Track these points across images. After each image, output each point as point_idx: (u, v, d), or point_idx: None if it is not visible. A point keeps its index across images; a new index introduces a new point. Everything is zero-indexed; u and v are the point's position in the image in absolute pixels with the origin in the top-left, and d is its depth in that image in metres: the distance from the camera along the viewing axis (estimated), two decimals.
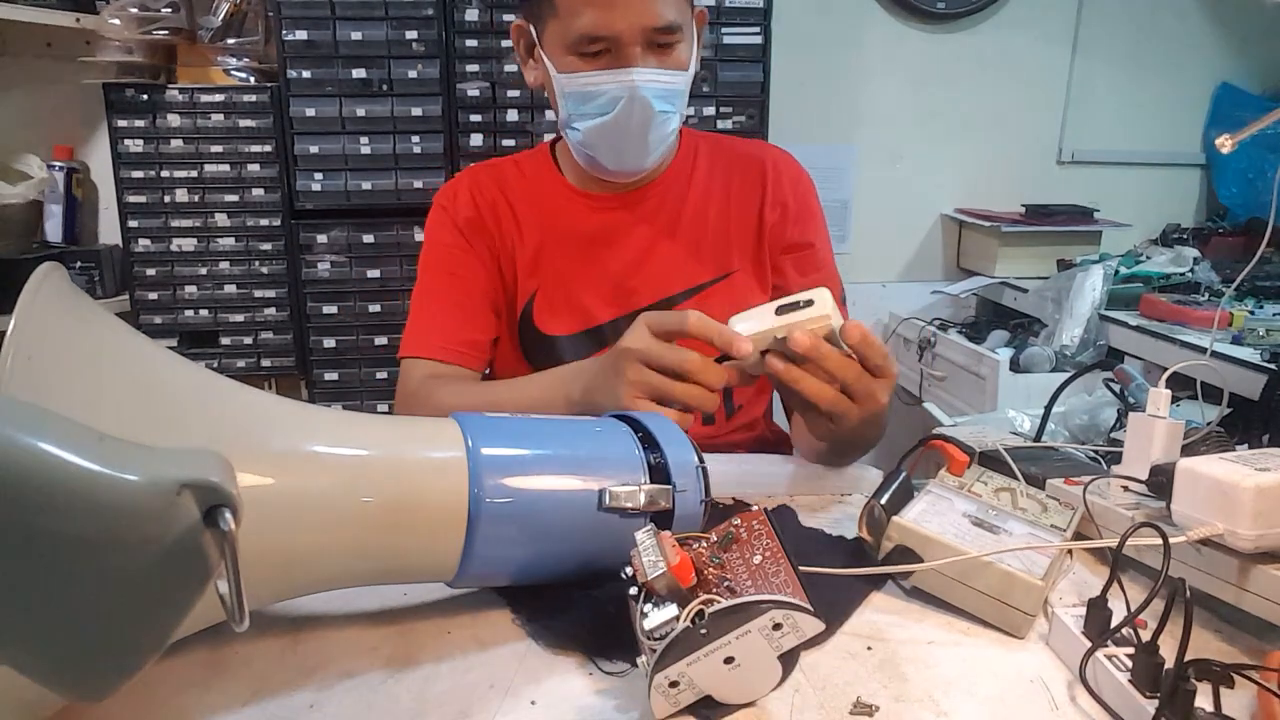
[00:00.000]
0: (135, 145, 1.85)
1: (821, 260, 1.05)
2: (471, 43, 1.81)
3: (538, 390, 0.86)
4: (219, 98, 1.85)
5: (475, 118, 1.85)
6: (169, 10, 1.84)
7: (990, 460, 0.77)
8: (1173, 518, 0.60)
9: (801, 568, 0.53)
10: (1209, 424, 0.78)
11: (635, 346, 0.73)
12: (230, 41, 1.90)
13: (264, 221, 1.90)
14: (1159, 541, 0.54)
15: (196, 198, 1.88)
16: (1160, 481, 0.63)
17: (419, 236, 1.88)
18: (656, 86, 0.87)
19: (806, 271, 1.03)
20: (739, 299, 0.99)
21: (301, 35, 1.78)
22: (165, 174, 1.86)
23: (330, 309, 1.92)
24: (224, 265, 1.92)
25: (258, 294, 1.94)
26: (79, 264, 1.95)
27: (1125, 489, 0.70)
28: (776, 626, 0.49)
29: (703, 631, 0.48)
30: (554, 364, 0.93)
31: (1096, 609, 0.55)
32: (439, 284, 1.03)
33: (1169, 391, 0.73)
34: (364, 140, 1.83)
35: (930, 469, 0.75)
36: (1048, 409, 1.04)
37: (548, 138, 1.86)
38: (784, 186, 1.05)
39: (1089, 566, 0.70)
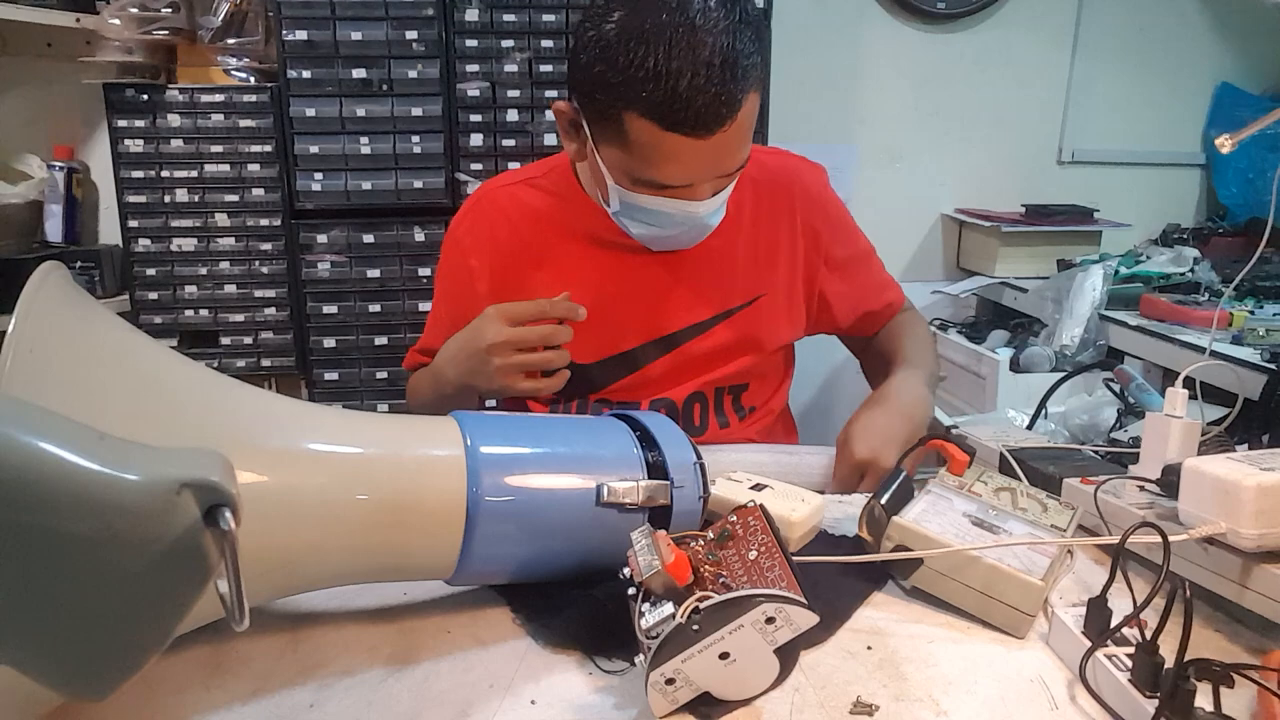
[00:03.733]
0: (135, 145, 1.85)
1: (863, 263, 1.12)
2: (471, 43, 1.81)
3: (431, 378, 0.98)
4: (219, 98, 1.85)
5: (475, 118, 1.85)
6: (169, 10, 1.84)
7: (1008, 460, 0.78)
8: (1179, 516, 0.60)
9: (796, 559, 0.53)
10: (1211, 424, 0.78)
11: (497, 340, 0.85)
12: (230, 41, 1.90)
13: (264, 221, 1.90)
14: (1160, 540, 0.54)
15: (196, 198, 1.88)
16: (1171, 481, 0.64)
17: (419, 236, 1.88)
18: (714, 213, 0.88)
19: (850, 279, 1.09)
20: (766, 321, 1.03)
21: (301, 35, 1.78)
22: (165, 174, 1.86)
23: (330, 309, 1.92)
24: (224, 265, 1.92)
25: (258, 294, 1.94)
26: (79, 264, 1.95)
27: (1141, 489, 0.70)
28: (770, 620, 0.49)
29: (695, 628, 0.48)
30: (583, 390, 1.00)
31: (1096, 608, 0.55)
32: (435, 309, 1.08)
33: (1185, 391, 0.73)
34: (364, 140, 1.83)
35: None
36: (1041, 405, 1.04)
37: (549, 137, 1.87)
38: (814, 211, 1.05)
39: (1101, 565, 0.70)
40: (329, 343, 1.93)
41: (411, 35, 1.79)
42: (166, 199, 1.87)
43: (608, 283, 0.98)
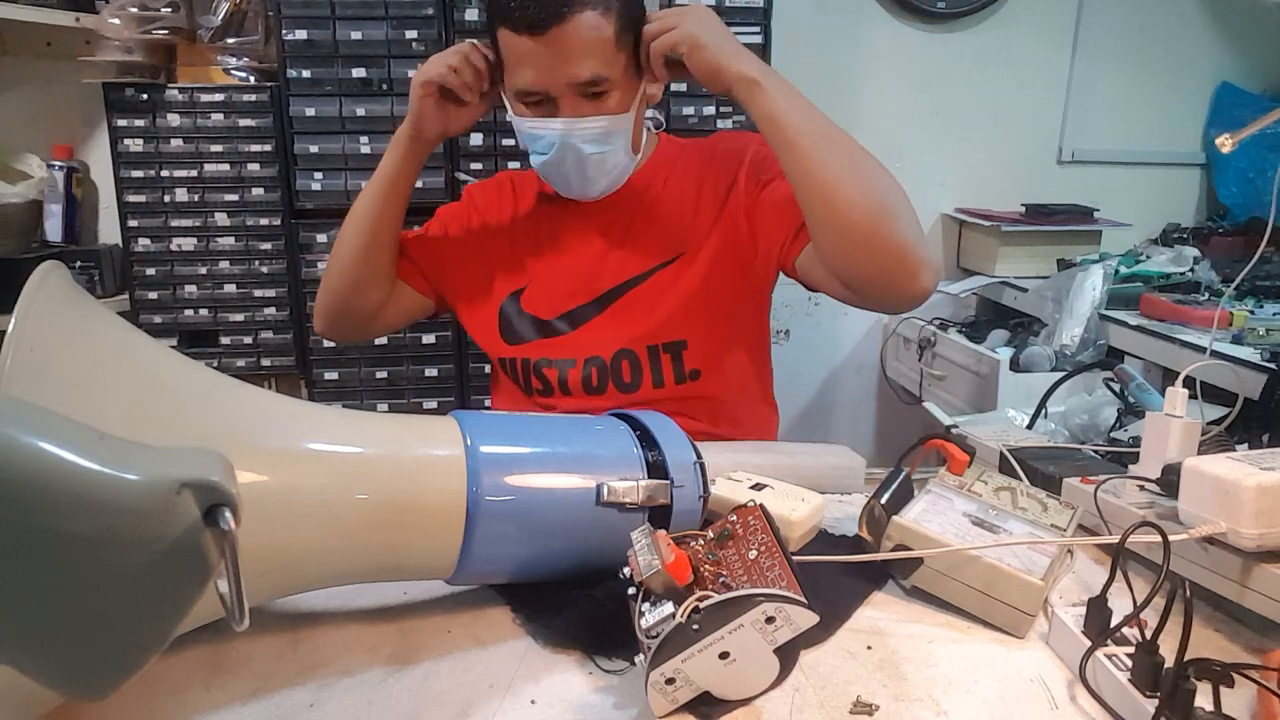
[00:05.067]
0: (135, 145, 1.85)
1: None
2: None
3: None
4: (219, 97, 1.85)
5: None
6: (169, 10, 1.84)
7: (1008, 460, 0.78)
8: (1179, 516, 0.60)
9: (796, 558, 0.53)
10: (1211, 424, 0.78)
11: (425, 72, 0.98)
12: (230, 41, 1.90)
13: (264, 221, 1.90)
14: (1160, 540, 0.54)
15: (196, 197, 1.88)
16: (1171, 480, 0.64)
17: None
18: (585, 133, 0.97)
19: (777, 193, 1.02)
20: (686, 277, 1.06)
21: (301, 35, 1.78)
22: (165, 173, 1.86)
23: None
24: (224, 265, 1.92)
25: (258, 293, 1.94)
26: (79, 263, 1.95)
27: (1141, 488, 0.70)
28: (769, 620, 0.49)
29: (695, 628, 0.48)
30: (538, 338, 1.08)
31: (1096, 608, 0.55)
32: (433, 223, 1.17)
33: (1185, 391, 0.73)
34: (364, 140, 1.83)
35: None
36: (1041, 404, 1.05)
37: None
38: (730, 161, 1.08)
39: (1101, 565, 0.70)
40: (329, 342, 1.93)
41: (411, 35, 1.79)
42: (166, 199, 1.87)
43: (559, 252, 1.09)
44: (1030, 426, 1.04)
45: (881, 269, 0.88)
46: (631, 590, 0.52)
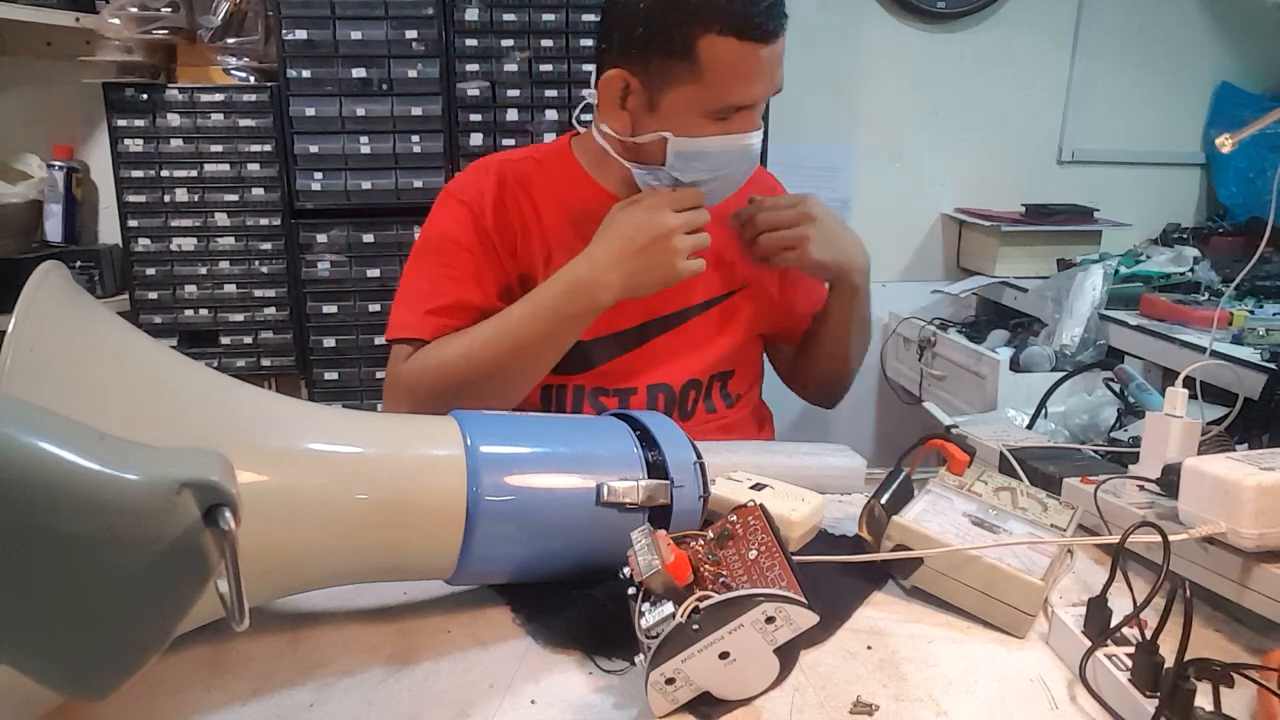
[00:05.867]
0: (135, 145, 1.85)
1: None
2: (471, 42, 1.81)
3: (511, 323, 0.89)
4: (219, 97, 1.85)
5: (475, 117, 1.85)
6: (169, 10, 1.84)
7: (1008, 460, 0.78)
8: (1179, 516, 0.60)
9: (797, 558, 0.53)
10: (1211, 424, 0.78)
11: (673, 223, 0.87)
12: (230, 41, 1.90)
13: (264, 221, 1.90)
14: (1160, 540, 0.54)
15: (196, 197, 1.88)
16: (1171, 480, 0.64)
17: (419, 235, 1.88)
18: (759, 143, 0.93)
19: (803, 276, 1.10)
20: (751, 309, 1.06)
21: (301, 35, 1.78)
22: (165, 173, 1.86)
23: (330, 308, 1.92)
24: (224, 265, 1.92)
25: (258, 293, 1.94)
26: (79, 263, 1.95)
27: (1141, 488, 0.70)
28: (769, 620, 0.49)
29: (695, 628, 0.48)
30: (578, 367, 0.98)
31: (1096, 608, 0.55)
32: (433, 271, 0.97)
33: (1185, 391, 0.73)
34: (364, 140, 1.83)
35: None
36: (1041, 404, 1.05)
37: (549, 137, 1.87)
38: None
39: (1101, 565, 0.70)
40: (329, 342, 1.93)
41: (411, 35, 1.79)
42: (166, 199, 1.87)
43: None
44: (1030, 426, 1.04)
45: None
46: (631, 590, 0.52)
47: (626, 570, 0.52)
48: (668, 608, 0.49)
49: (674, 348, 1.02)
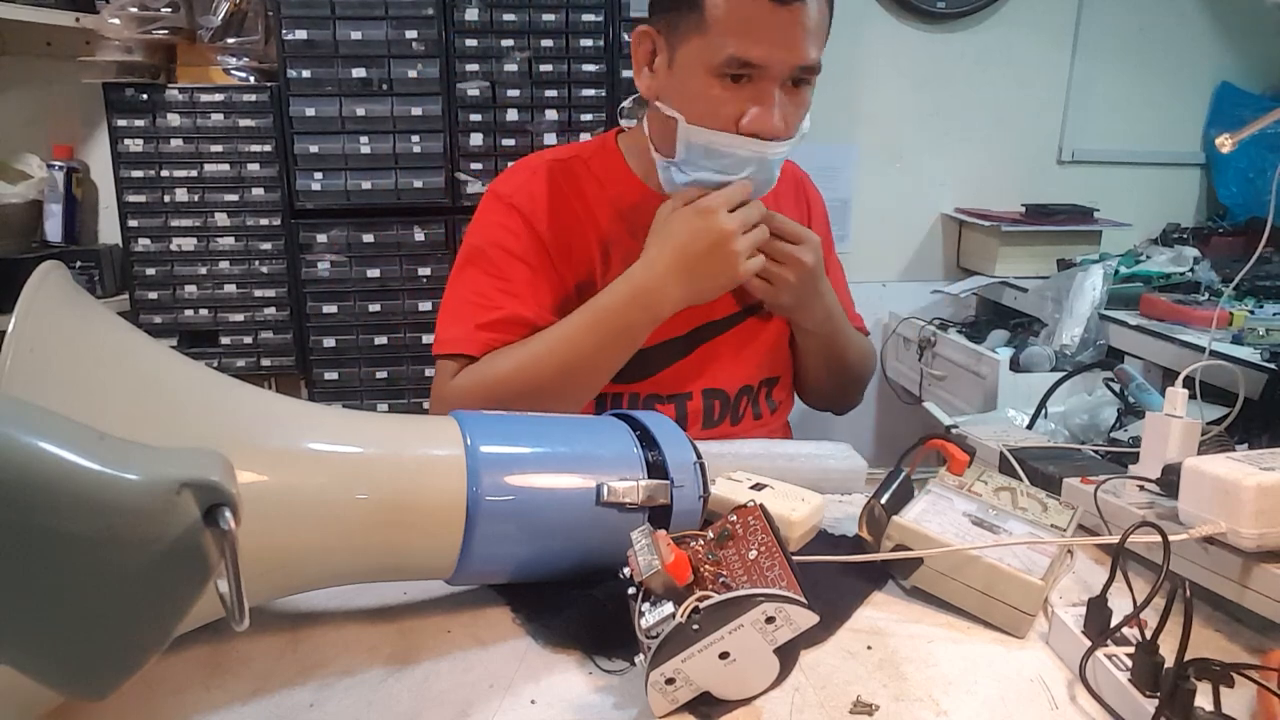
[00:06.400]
0: (135, 145, 1.85)
1: (841, 280, 1.12)
2: (471, 42, 1.81)
3: (588, 321, 0.87)
4: (219, 97, 1.85)
5: (475, 117, 1.85)
6: (169, 10, 1.84)
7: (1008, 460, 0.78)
8: (1179, 516, 0.60)
9: (797, 558, 0.53)
10: (1211, 424, 0.78)
11: (731, 226, 0.83)
12: (230, 41, 1.90)
13: (264, 221, 1.90)
14: (1160, 540, 0.54)
15: (196, 197, 1.88)
16: (1171, 480, 0.64)
17: (419, 236, 1.88)
18: (781, 157, 0.87)
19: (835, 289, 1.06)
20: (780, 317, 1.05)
21: (301, 35, 1.78)
22: (165, 173, 1.86)
23: (330, 308, 1.92)
24: (224, 265, 1.92)
25: (258, 293, 1.94)
26: (79, 263, 1.95)
27: (1141, 488, 0.70)
28: (770, 620, 0.49)
29: (695, 628, 0.48)
30: (635, 375, 0.94)
31: (1096, 608, 0.55)
32: (483, 283, 0.93)
33: (1185, 391, 0.73)
34: (364, 140, 1.83)
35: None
36: (1041, 404, 1.05)
37: (549, 137, 1.87)
38: (817, 211, 1.09)
39: (1101, 565, 0.70)
40: (329, 342, 1.93)
41: (411, 35, 1.79)
42: (166, 199, 1.87)
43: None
44: (1030, 426, 1.04)
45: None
46: (631, 590, 0.52)
47: (626, 570, 0.52)
48: (668, 608, 0.49)
49: (725, 351, 1.00)
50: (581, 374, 0.88)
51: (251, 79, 1.90)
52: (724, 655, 0.49)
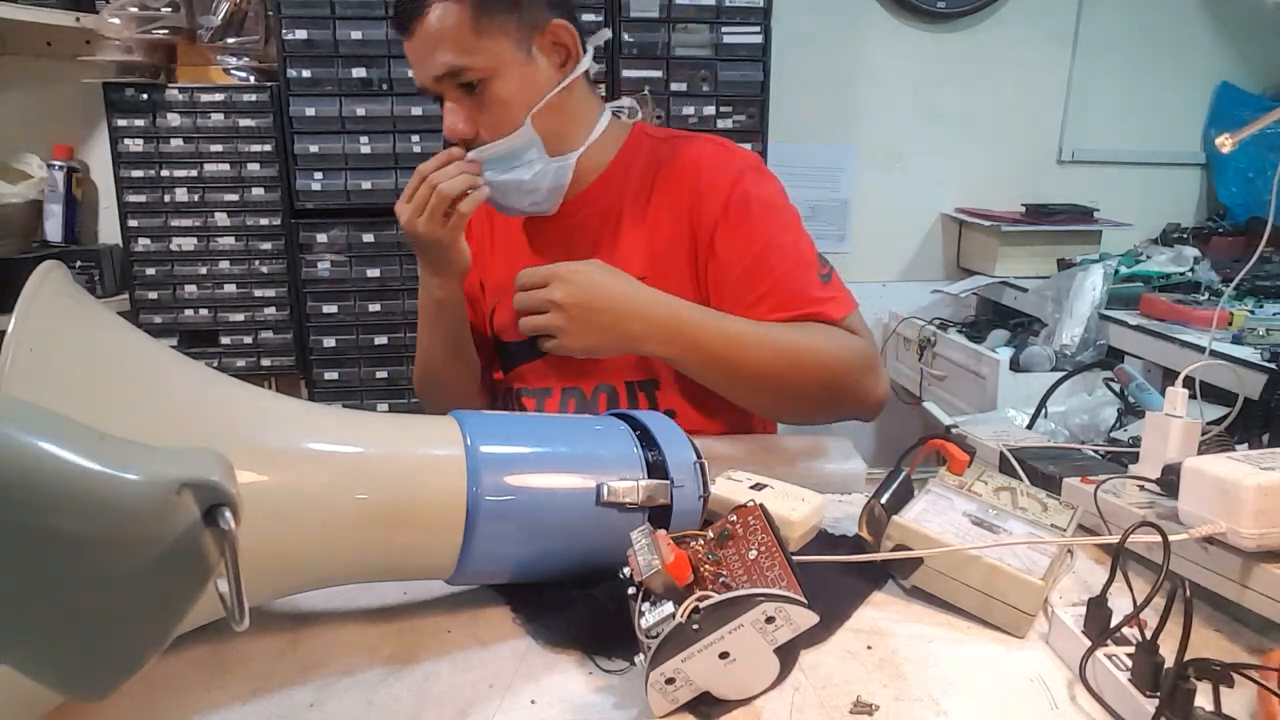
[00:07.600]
0: (135, 145, 1.85)
1: (760, 266, 0.95)
2: None
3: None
4: (219, 97, 1.85)
5: None
6: (169, 9, 1.84)
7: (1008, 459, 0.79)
8: (1179, 516, 0.60)
9: (797, 558, 0.53)
10: (1211, 424, 0.78)
11: (400, 206, 0.97)
12: (230, 41, 1.90)
13: (264, 221, 1.90)
14: (1160, 540, 0.54)
15: (196, 197, 1.88)
16: (1171, 480, 0.64)
17: None
18: (499, 155, 0.92)
19: (754, 285, 0.94)
20: None
21: (301, 35, 1.78)
22: (165, 173, 1.87)
23: (330, 308, 1.92)
24: (224, 265, 1.92)
25: (258, 293, 1.94)
26: (79, 263, 1.95)
27: (1141, 488, 0.70)
28: (769, 620, 0.49)
29: (695, 627, 0.48)
30: (506, 366, 1.06)
31: (1096, 608, 0.55)
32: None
33: (1185, 391, 0.73)
34: (364, 140, 1.83)
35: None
36: (1041, 404, 1.05)
37: None
38: (709, 206, 0.96)
39: (1101, 565, 0.70)
40: (329, 342, 1.93)
41: None
42: (166, 199, 1.88)
43: (517, 254, 1.04)
44: (1030, 426, 1.04)
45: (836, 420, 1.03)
46: (631, 590, 0.52)
47: (626, 570, 0.52)
48: (668, 608, 0.49)
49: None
50: (423, 352, 1.05)
51: (251, 79, 1.91)
52: (724, 655, 0.49)
